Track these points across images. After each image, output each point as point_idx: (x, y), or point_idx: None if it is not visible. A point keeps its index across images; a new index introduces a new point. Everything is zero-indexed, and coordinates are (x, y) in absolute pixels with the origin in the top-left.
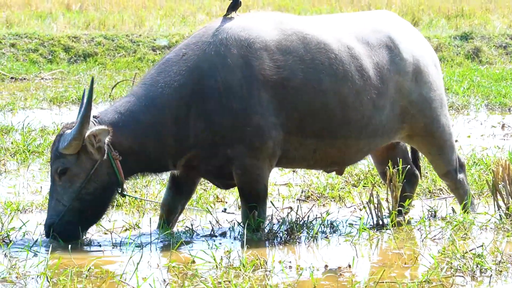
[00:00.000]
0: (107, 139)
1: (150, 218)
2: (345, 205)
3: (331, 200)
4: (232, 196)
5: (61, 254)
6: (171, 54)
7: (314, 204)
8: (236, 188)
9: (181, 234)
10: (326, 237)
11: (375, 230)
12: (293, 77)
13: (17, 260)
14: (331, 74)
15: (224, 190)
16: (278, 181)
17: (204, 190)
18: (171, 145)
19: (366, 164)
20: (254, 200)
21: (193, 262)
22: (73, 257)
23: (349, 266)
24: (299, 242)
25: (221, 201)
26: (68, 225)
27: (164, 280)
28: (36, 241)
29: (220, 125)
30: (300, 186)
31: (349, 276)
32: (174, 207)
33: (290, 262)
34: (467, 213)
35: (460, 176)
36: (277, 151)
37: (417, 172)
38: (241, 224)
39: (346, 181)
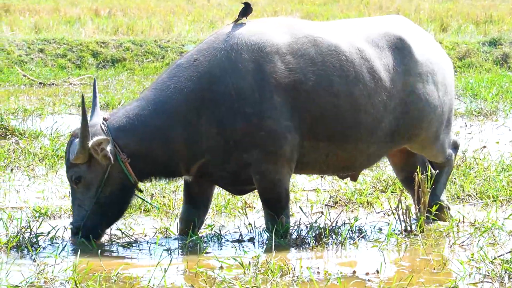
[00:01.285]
0: (109, 147)
1: (178, 223)
2: (373, 210)
3: (359, 206)
4: (259, 202)
5: (89, 259)
6: (182, 60)
7: (342, 210)
8: None
9: (209, 239)
10: (354, 243)
11: (403, 236)
12: (305, 80)
13: (45, 265)
14: (342, 76)
15: (241, 196)
16: (306, 187)
17: (232, 195)
18: (182, 150)
19: None
20: (275, 205)
21: (221, 267)
22: (101, 262)
23: (377, 272)
24: (327, 248)
25: (249, 207)
26: (92, 227)
27: (192, 286)
28: (65, 246)
29: (233, 130)
30: (328, 191)
31: (377, 282)
32: (192, 221)
33: (318, 267)
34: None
35: (450, 153)
36: (294, 155)
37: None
38: (266, 230)
39: (374, 186)
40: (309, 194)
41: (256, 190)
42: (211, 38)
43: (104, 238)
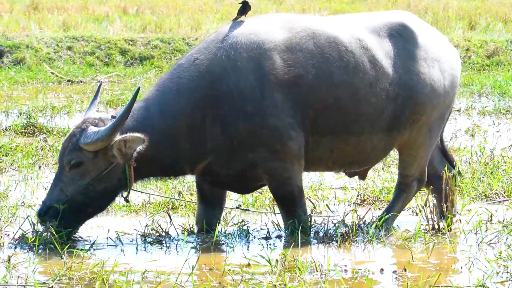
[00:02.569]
0: (140, 147)
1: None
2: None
3: (386, 204)
4: None
5: (117, 257)
6: (183, 60)
7: (370, 208)
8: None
9: (236, 236)
10: (381, 241)
11: (431, 234)
12: (305, 74)
13: (73, 262)
14: (342, 66)
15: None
16: (334, 185)
17: (260, 193)
18: (187, 151)
19: None
20: (289, 203)
21: (248, 265)
22: (128, 260)
23: (405, 270)
24: (354, 246)
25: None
26: (65, 215)
27: (220, 283)
28: (93, 243)
29: (237, 130)
30: (356, 189)
31: (405, 280)
32: (208, 221)
33: (345, 265)
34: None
35: (413, 187)
36: (302, 152)
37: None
38: (285, 229)
39: None
40: (337, 192)
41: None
42: (211, 37)
43: (132, 235)
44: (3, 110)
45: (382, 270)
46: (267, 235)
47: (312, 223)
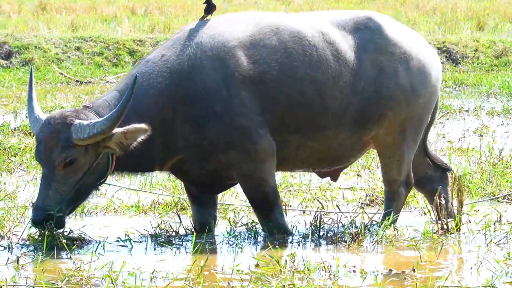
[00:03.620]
0: (141, 137)
1: (217, 221)
2: (409, 209)
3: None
4: (296, 199)
5: (126, 257)
6: (150, 56)
7: (378, 209)
8: (299, 191)
9: (245, 237)
10: (390, 241)
11: (440, 234)
12: (269, 70)
13: (82, 263)
14: (305, 61)
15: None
16: (342, 185)
17: None
18: (159, 147)
19: None
20: (264, 206)
21: (257, 265)
22: (137, 260)
23: (414, 270)
24: (363, 246)
25: (286, 204)
26: (61, 214)
27: (229, 283)
28: (102, 243)
29: (207, 130)
30: (364, 190)
31: (413, 280)
32: (205, 220)
33: (354, 266)
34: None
35: (401, 190)
36: (274, 150)
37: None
38: (264, 232)
39: None
40: (345, 192)
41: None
42: (178, 35)
43: (141, 236)
44: (11, 111)
45: (390, 270)
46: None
47: (320, 223)
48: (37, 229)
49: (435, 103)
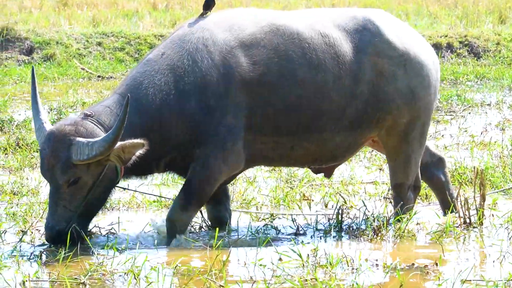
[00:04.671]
0: (139, 152)
1: (239, 216)
2: (431, 203)
3: (417, 198)
4: (318, 194)
5: (148, 252)
6: (150, 55)
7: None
8: (321, 185)
9: (268, 231)
10: (412, 235)
11: (462, 228)
12: (268, 72)
13: (104, 258)
14: (305, 64)
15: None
16: (364, 179)
17: (291, 188)
18: (156, 148)
19: (453, 162)
20: (193, 198)
21: (280, 259)
22: (160, 255)
23: (436, 264)
24: (385, 240)
25: (308, 199)
26: (74, 229)
27: (251, 277)
28: (125, 238)
29: (198, 124)
30: (386, 184)
31: (436, 274)
32: (222, 215)
33: (376, 260)
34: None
35: (409, 195)
36: (242, 155)
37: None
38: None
39: None
40: (367, 186)
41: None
42: (177, 32)
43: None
44: None
45: (413, 264)
46: (298, 230)
47: (343, 217)
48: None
49: (436, 103)
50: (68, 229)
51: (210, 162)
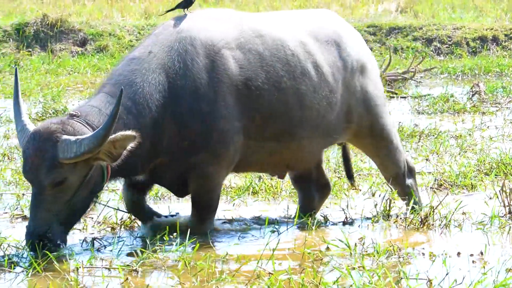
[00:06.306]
0: (131, 145)
1: (287, 205)
2: (476, 193)
3: (463, 188)
4: (365, 184)
5: (199, 240)
6: (135, 53)
7: (447, 193)
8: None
9: (316, 220)
10: (458, 225)
11: (507, 218)
12: (255, 76)
13: (156, 245)
14: (289, 71)
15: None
16: None
17: (338, 178)
18: (147, 149)
19: (498, 153)
20: (206, 209)
21: (328, 248)
22: (211, 243)
23: (481, 253)
24: (432, 230)
25: (356, 189)
26: (57, 233)
27: (299, 265)
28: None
29: (190, 130)
30: (433, 174)
31: (481, 263)
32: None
33: (423, 248)
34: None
35: (409, 181)
36: (236, 158)
37: (329, 183)
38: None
39: (478, 169)
40: None
41: None
42: (161, 30)
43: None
44: (86, 97)
45: (459, 253)
46: (346, 219)
47: (390, 207)
48: (33, 251)
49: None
50: (49, 234)
51: (208, 170)
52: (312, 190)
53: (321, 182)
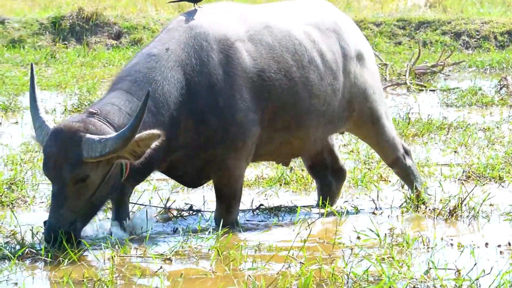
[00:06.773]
0: (155, 144)
1: (319, 198)
2: (504, 185)
3: (490, 180)
4: (394, 175)
5: (231, 230)
6: (153, 50)
7: (476, 185)
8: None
9: (346, 211)
10: (486, 216)
11: None
12: (268, 68)
13: (189, 235)
14: (298, 60)
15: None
16: (440, 161)
17: (369, 169)
18: (164, 146)
19: None
20: (230, 200)
21: (358, 238)
22: (242, 233)
23: (509, 244)
24: (460, 220)
25: (385, 180)
26: (75, 230)
27: (329, 255)
28: (209, 217)
29: (208, 125)
30: (461, 166)
31: (509, 254)
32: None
33: (451, 239)
34: (421, 200)
35: (409, 162)
36: (253, 149)
37: (343, 167)
38: (215, 220)
39: (506, 161)
40: (443, 168)
41: None
42: (175, 26)
43: (244, 209)
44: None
45: (487, 244)
46: (375, 210)
47: (418, 197)
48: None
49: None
50: (70, 231)
51: (228, 163)
52: (328, 176)
53: (335, 167)
